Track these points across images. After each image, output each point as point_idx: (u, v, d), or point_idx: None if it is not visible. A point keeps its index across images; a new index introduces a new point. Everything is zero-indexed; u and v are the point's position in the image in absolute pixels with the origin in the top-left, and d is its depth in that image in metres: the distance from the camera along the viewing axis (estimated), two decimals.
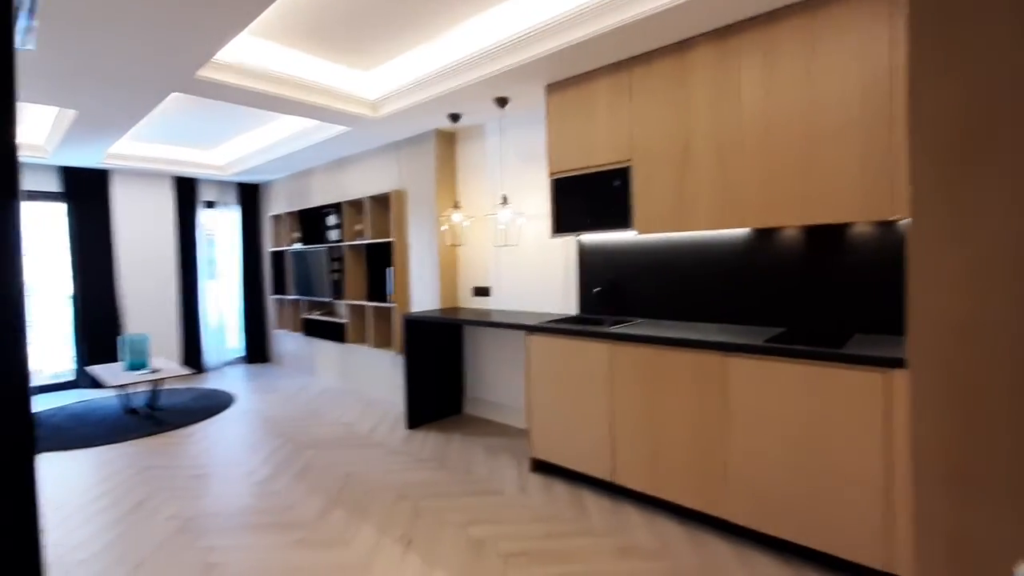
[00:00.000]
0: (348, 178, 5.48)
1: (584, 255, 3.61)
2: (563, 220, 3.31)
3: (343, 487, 3.07)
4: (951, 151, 0.72)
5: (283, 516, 2.74)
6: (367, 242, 5.00)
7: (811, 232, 2.61)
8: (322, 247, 5.55)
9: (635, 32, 2.60)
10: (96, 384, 5.57)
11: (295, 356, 6.58)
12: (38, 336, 5.64)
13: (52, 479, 3.30)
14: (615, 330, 2.82)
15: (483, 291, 4.41)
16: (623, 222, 3.01)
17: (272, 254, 6.63)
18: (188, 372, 4.87)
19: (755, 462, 2.28)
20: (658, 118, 2.81)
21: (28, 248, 5.51)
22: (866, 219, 2.17)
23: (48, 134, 4.73)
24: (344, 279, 5.28)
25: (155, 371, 4.68)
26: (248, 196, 6.98)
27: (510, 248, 4.12)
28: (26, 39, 2.68)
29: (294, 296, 6.20)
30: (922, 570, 0.77)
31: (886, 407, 1.93)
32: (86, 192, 5.73)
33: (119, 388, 4.59)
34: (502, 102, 3.57)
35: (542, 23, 2.76)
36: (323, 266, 5.54)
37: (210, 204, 6.73)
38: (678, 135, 2.74)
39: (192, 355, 6.43)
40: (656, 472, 2.63)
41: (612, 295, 3.45)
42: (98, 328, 5.79)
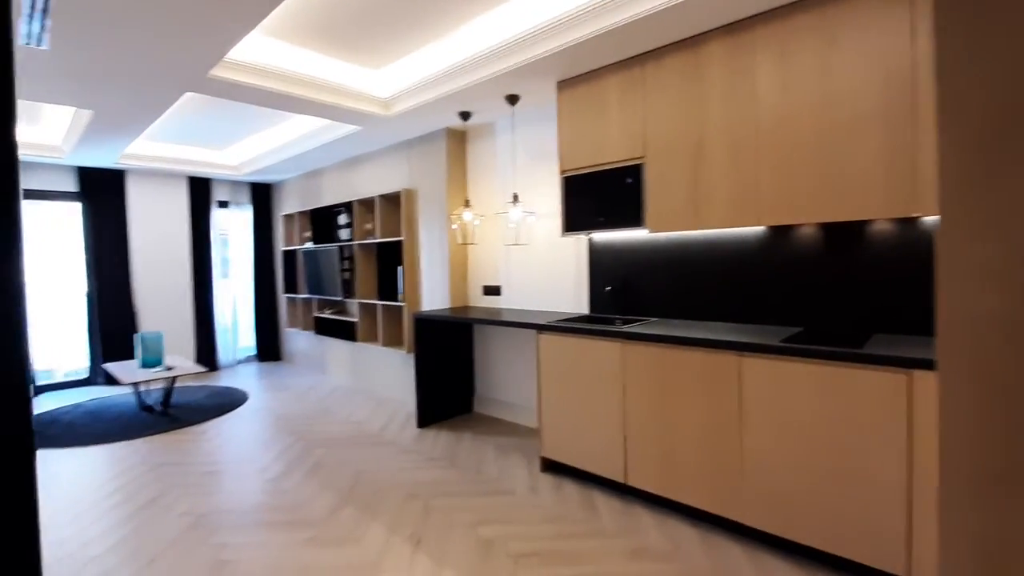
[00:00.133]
0: (359, 177, 5.50)
1: (595, 254, 3.58)
2: (574, 218, 3.28)
3: (354, 485, 3.07)
4: (983, 141, 0.69)
5: (294, 514, 2.74)
6: (378, 241, 5.00)
7: (828, 229, 2.55)
8: (333, 246, 5.57)
9: (647, 27, 2.57)
10: (111, 381, 5.65)
11: (307, 354, 6.62)
12: (54, 334, 5.73)
13: (67, 475, 3.34)
14: (627, 329, 2.79)
15: (493, 290, 4.39)
16: (635, 220, 2.97)
17: (284, 253, 6.67)
18: (202, 370, 4.91)
19: (770, 464, 2.24)
20: (671, 115, 2.77)
21: (44, 246, 5.60)
22: (887, 216, 2.12)
23: (65, 134, 4.79)
24: (355, 278, 5.30)
25: (169, 368, 4.73)
26: (260, 196, 7.04)
27: (520, 247, 4.10)
28: (41, 39, 2.70)
29: (306, 295, 6.24)
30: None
31: (908, 409, 1.88)
32: (102, 192, 5.81)
33: (134, 385, 4.65)
34: (513, 99, 3.55)
35: (553, 19, 2.73)
36: (334, 265, 5.56)
37: (223, 204, 6.79)
38: (691, 132, 2.70)
39: (206, 353, 6.50)
40: (668, 473, 2.59)
41: (624, 294, 3.41)
42: (113, 326, 5.86)
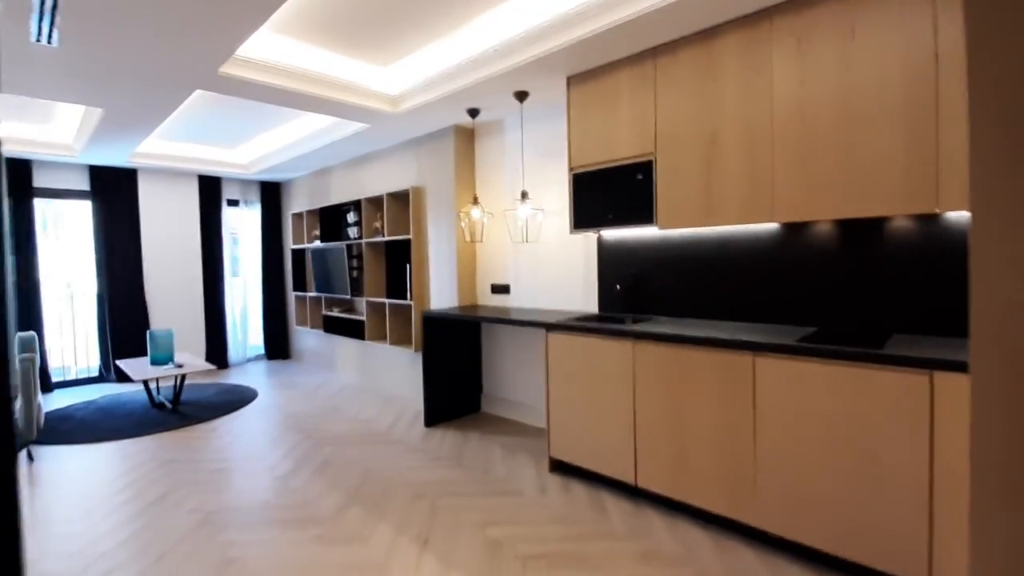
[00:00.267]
0: (367, 175, 5.49)
1: (605, 252, 3.54)
2: (583, 216, 3.23)
3: (361, 484, 3.06)
4: (1016, 133, 0.64)
5: (302, 512, 2.73)
6: (386, 239, 4.99)
7: (844, 226, 2.49)
8: (342, 244, 5.57)
9: (659, 20, 2.52)
10: (123, 378, 5.69)
11: (315, 353, 6.63)
12: (67, 332, 5.79)
13: (78, 471, 3.36)
14: (637, 328, 2.74)
15: (502, 288, 4.36)
16: (645, 217, 2.93)
17: (293, 251, 6.68)
18: (211, 367, 4.93)
19: (786, 467, 2.18)
20: (683, 109, 2.72)
21: (57, 245, 5.65)
22: (909, 212, 2.06)
23: (76, 133, 4.83)
24: (363, 276, 5.29)
25: (179, 366, 4.75)
26: (270, 194, 7.06)
27: (529, 245, 4.07)
28: (50, 36, 2.71)
29: (314, 293, 6.24)
30: None
31: (930, 410, 1.82)
32: (113, 190, 5.85)
33: (144, 382, 4.67)
34: (522, 96, 3.51)
35: (563, 13, 2.69)
36: (343, 263, 5.56)
37: (233, 202, 6.82)
38: (704, 127, 2.64)
39: (216, 351, 6.53)
40: (679, 475, 2.55)
41: (634, 293, 3.36)
42: (124, 324, 5.90)
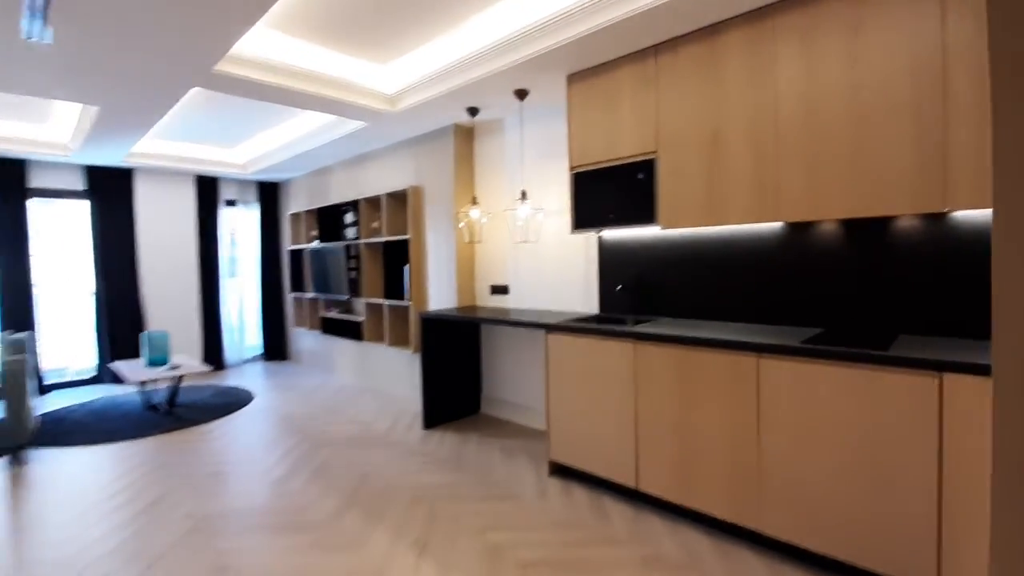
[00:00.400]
0: (366, 175, 5.45)
1: (606, 252, 3.49)
2: (584, 215, 3.19)
3: (358, 488, 3.01)
4: None
5: (297, 517, 2.68)
6: (384, 240, 4.94)
7: (849, 226, 2.45)
8: (340, 245, 5.52)
9: (661, 17, 2.48)
10: (119, 380, 5.63)
11: (313, 354, 6.58)
12: (63, 332, 5.73)
13: (71, 475, 3.30)
14: (639, 329, 2.70)
15: (501, 289, 4.32)
16: (647, 217, 2.88)
17: (291, 252, 6.64)
18: (208, 369, 4.88)
19: (791, 471, 2.14)
20: (686, 107, 2.68)
21: (53, 245, 5.60)
22: (917, 211, 2.01)
23: (72, 132, 4.78)
24: (361, 277, 5.25)
25: (175, 367, 4.70)
26: (268, 194, 7.01)
27: (529, 245, 4.02)
28: (43, 33, 2.67)
29: (312, 294, 6.20)
30: None
31: (939, 413, 1.78)
32: (109, 190, 5.80)
33: (139, 384, 4.62)
34: (521, 94, 3.47)
35: (563, 10, 2.65)
36: (341, 264, 5.51)
37: (231, 203, 6.78)
38: (707, 125, 2.60)
39: (212, 352, 6.48)
40: (682, 479, 2.50)
41: (635, 293, 3.32)
42: (120, 325, 5.85)
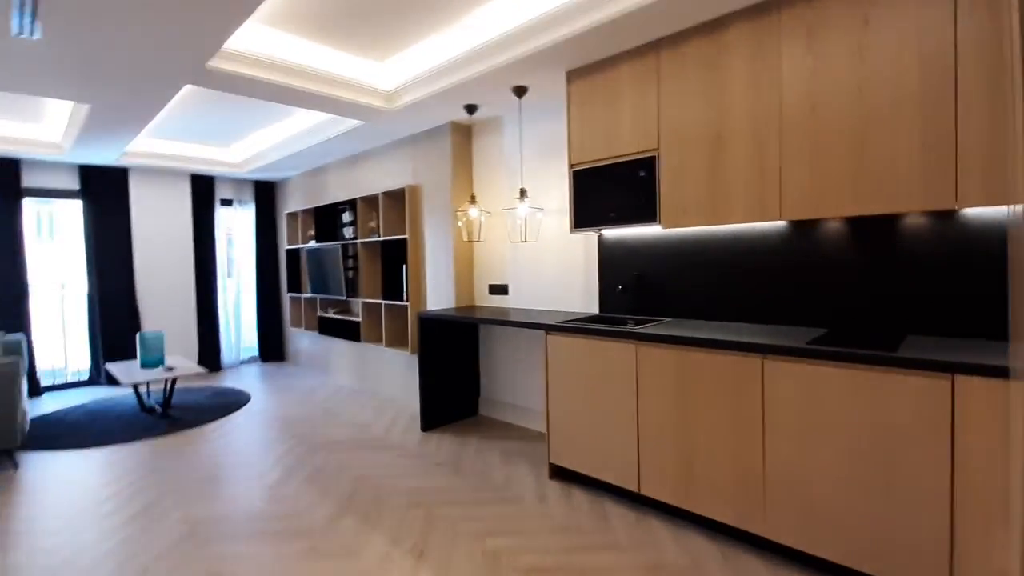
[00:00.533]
0: (363, 174, 5.39)
1: (606, 251, 3.44)
2: (584, 214, 3.14)
3: (355, 492, 2.96)
4: None
5: (292, 522, 2.63)
6: (382, 239, 4.89)
7: (855, 224, 2.40)
8: (337, 245, 5.47)
9: (663, 12, 2.43)
10: (114, 382, 5.57)
11: (310, 355, 6.52)
12: (58, 334, 5.67)
13: (62, 479, 3.25)
14: (640, 330, 2.65)
15: (500, 289, 4.26)
16: (648, 216, 2.83)
17: (287, 252, 6.58)
18: (203, 371, 4.82)
19: (797, 475, 2.09)
20: (688, 104, 2.63)
21: (47, 245, 5.54)
22: (927, 209, 1.96)
23: (65, 131, 4.72)
24: (359, 277, 5.19)
25: (170, 369, 4.64)
26: (264, 194, 6.95)
27: (528, 245, 3.97)
28: (32, 29, 2.60)
29: (309, 294, 6.14)
30: None
31: (950, 416, 1.73)
32: (104, 190, 5.73)
33: (134, 386, 4.56)
34: (520, 91, 3.41)
35: (562, 5, 2.60)
36: (338, 264, 5.46)
37: (227, 202, 6.72)
38: (710, 122, 2.55)
39: (208, 353, 6.42)
40: (685, 483, 2.45)
41: (636, 293, 3.27)
42: (115, 326, 5.79)
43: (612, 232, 3.37)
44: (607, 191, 3.01)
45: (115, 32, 2.55)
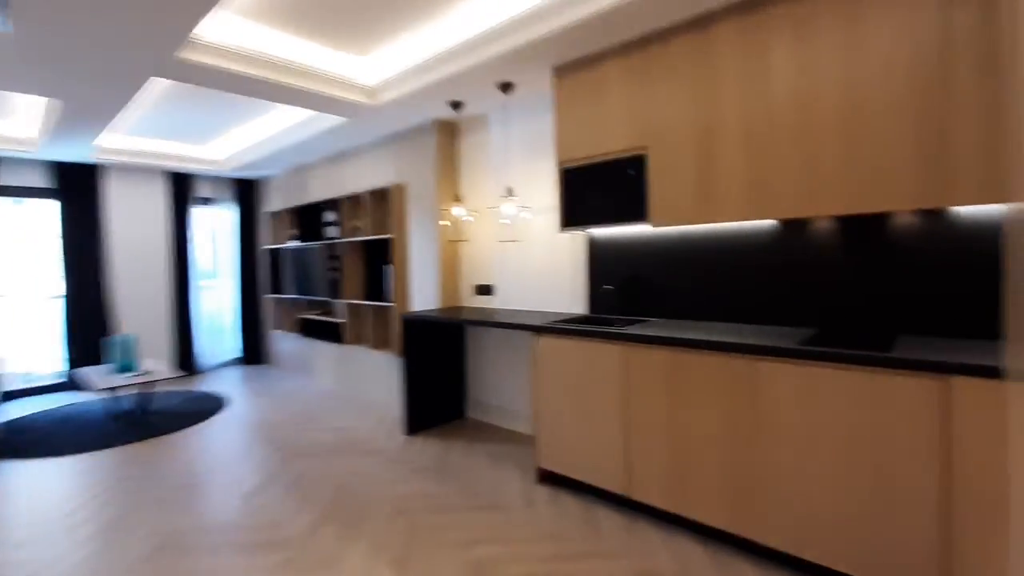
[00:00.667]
0: (346, 173, 5.27)
1: (594, 251, 3.38)
2: (572, 213, 3.08)
3: (335, 500, 2.86)
4: None
5: (269, 533, 2.52)
6: (365, 239, 4.78)
7: (845, 223, 2.37)
8: (320, 244, 5.34)
9: (650, 7, 2.38)
10: (86, 386, 5.38)
11: (292, 357, 6.37)
12: (30, 336, 5.46)
13: (29, 489, 3.10)
14: (629, 331, 2.59)
15: (486, 289, 4.19)
16: (637, 215, 2.78)
17: (269, 252, 6.42)
18: (179, 374, 4.67)
19: (789, 478, 2.05)
20: (677, 101, 2.58)
21: (20, 245, 5.33)
22: (918, 207, 1.93)
23: (34, 126, 4.54)
24: (342, 278, 5.07)
25: (144, 373, 4.48)
26: (245, 192, 6.78)
27: (515, 244, 3.90)
28: (3, 22, 2.46)
29: (291, 295, 6.00)
30: None
31: (945, 419, 1.70)
32: (77, 188, 5.53)
33: (107, 391, 4.40)
34: (506, 87, 3.34)
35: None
36: (320, 264, 5.34)
37: (206, 200, 6.54)
38: (699, 119, 2.51)
39: (186, 356, 6.24)
40: (676, 487, 2.40)
41: (625, 293, 3.22)
42: (89, 329, 5.59)
43: (601, 231, 3.32)
44: (596, 190, 2.95)
45: (80, 18, 2.43)
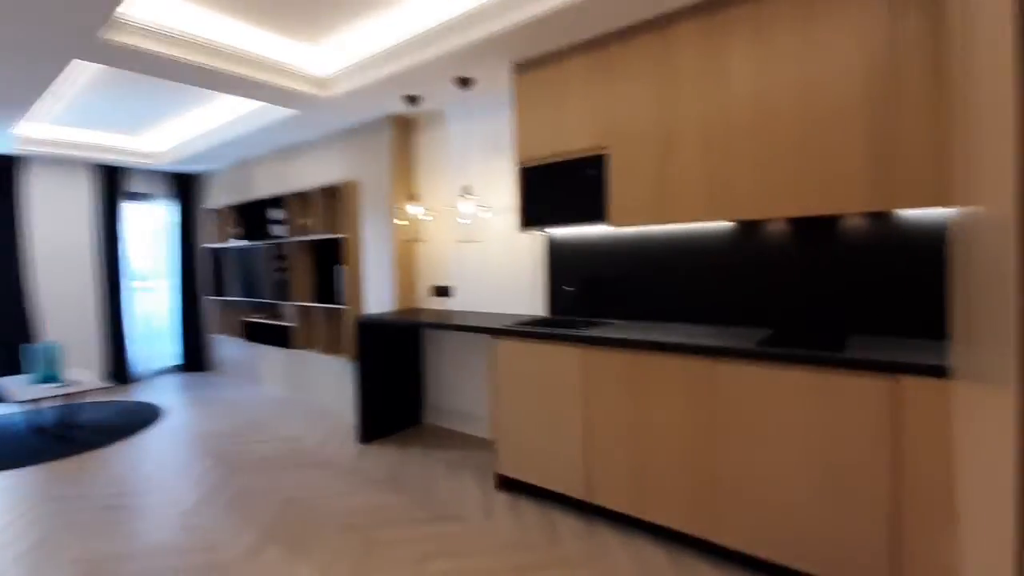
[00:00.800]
0: (295, 169, 5.03)
1: (554, 251, 3.34)
2: (531, 213, 3.02)
3: (281, 517, 2.68)
4: None
5: (207, 556, 2.33)
6: (316, 238, 4.57)
7: (800, 224, 2.41)
8: (265, 244, 5.07)
9: (611, 6, 2.34)
10: (4, 399, 4.90)
11: (237, 363, 6.04)
12: None
13: None
14: (588, 333, 2.55)
15: (443, 291, 4.07)
16: (597, 215, 2.75)
17: (210, 251, 6.06)
18: (108, 385, 4.32)
19: (747, 479, 2.05)
20: (638, 101, 2.56)
21: None
22: (870, 209, 1.98)
23: None
24: (290, 279, 4.83)
25: (68, 384, 4.11)
26: (184, 188, 6.37)
27: (474, 245, 3.81)
28: None
29: (234, 297, 5.67)
30: None
31: (896, 418, 1.73)
32: None
33: (26, 404, 4.01)
34: (464, 83, 3.24)
35: None
36: (266, 265, 5.06)
37: (140, 196, 6.10)
38: (660, 120, 2.49)
39: (118, 364, 5.79)
40: (636, 490, 2.37)
41: (585, 295, 3.18)
42: (8, 336, 5.10)
43: (561, 232, 3.27)
44: (555, 189, 2.90)
45: None
